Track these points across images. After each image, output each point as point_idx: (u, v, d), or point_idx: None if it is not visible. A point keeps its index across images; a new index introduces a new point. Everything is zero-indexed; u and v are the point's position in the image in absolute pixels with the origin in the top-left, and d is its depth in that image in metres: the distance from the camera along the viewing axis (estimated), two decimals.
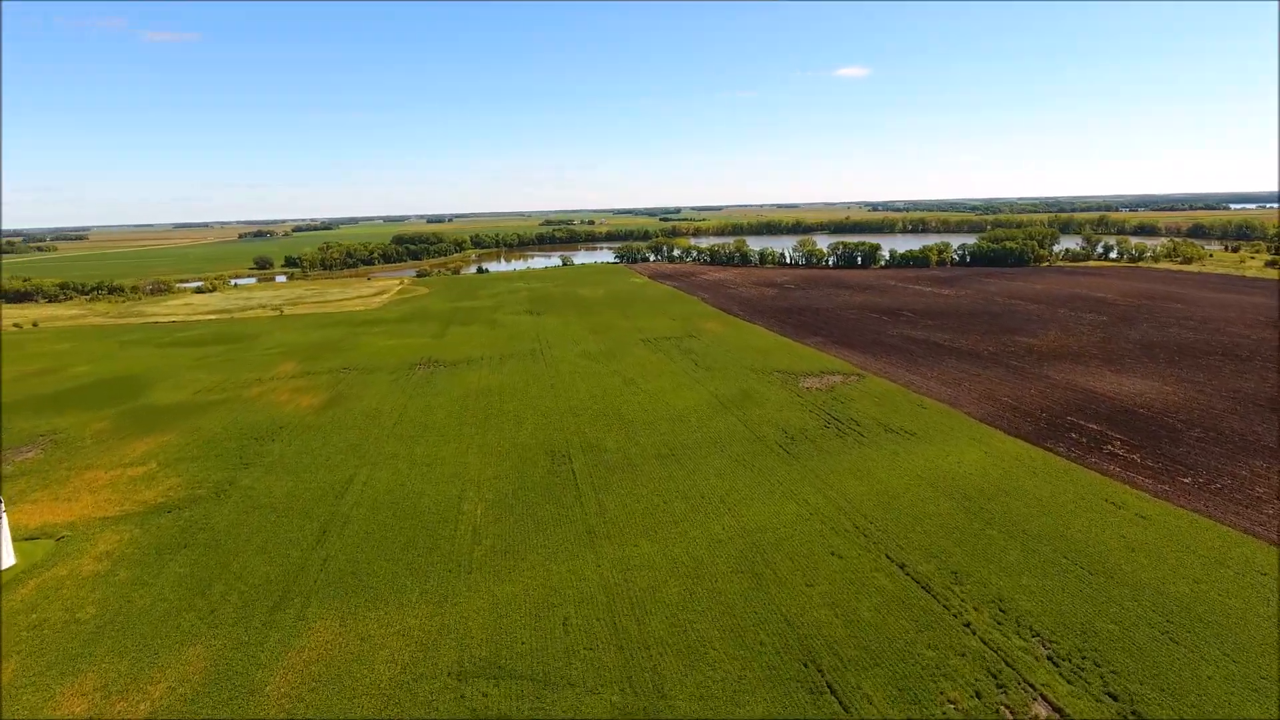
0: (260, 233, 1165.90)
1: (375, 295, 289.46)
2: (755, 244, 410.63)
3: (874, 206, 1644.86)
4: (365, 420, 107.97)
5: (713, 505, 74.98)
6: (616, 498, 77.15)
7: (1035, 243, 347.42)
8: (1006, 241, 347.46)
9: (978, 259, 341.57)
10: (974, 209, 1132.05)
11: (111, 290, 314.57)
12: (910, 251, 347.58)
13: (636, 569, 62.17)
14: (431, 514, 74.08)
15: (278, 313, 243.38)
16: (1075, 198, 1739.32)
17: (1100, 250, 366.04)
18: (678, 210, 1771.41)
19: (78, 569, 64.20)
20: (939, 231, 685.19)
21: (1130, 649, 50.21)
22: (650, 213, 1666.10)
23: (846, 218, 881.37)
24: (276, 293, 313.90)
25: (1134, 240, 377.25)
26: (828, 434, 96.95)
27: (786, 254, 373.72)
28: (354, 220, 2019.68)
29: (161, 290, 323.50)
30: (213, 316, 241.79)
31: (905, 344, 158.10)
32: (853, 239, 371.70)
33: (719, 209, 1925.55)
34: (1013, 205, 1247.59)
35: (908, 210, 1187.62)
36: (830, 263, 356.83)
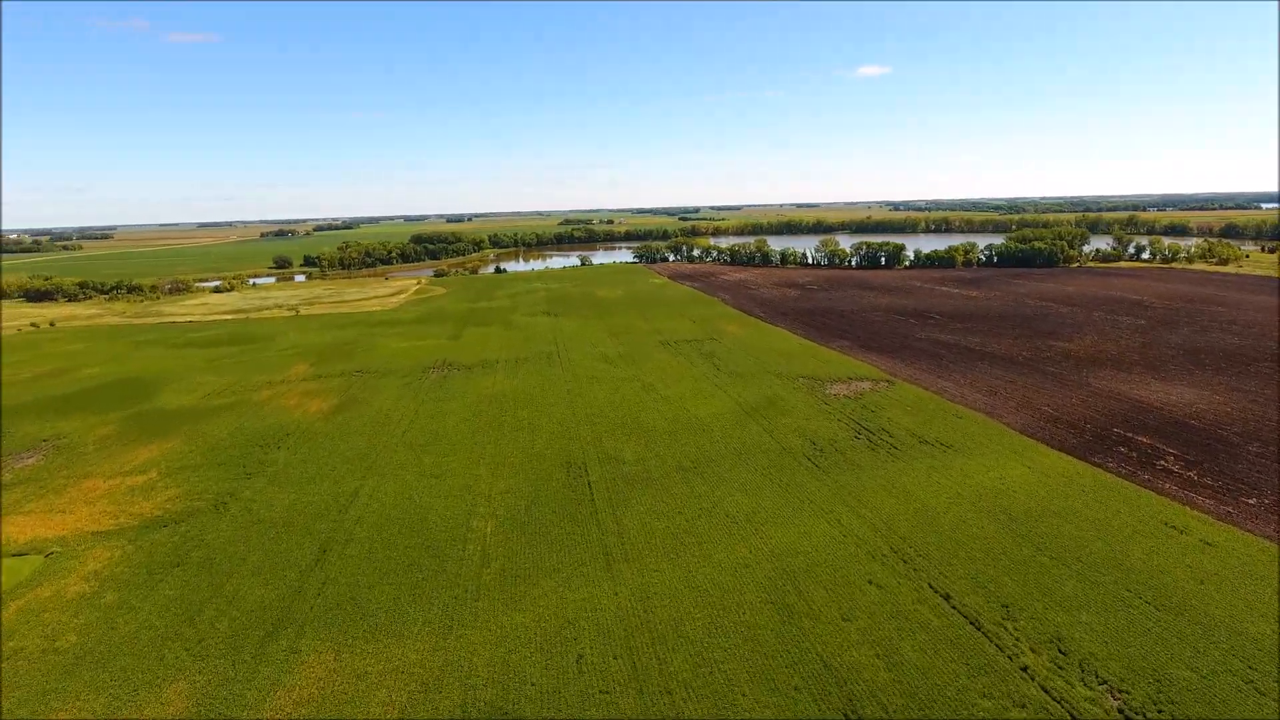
0: (281, 232, 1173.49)
1: (392, 295, 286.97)
2: (776, 244, 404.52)
3: (895, 206, 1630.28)
4: (374, 427, 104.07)
5: (738, 524, 70.04)
6: (636, 515, 72.43)
7: (1064, 243, 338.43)
8: (1035, 241, 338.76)
9: (1005, 259, 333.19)
10: (997, 208, 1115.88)
11: (130, 289, 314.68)
12: (935, 252, 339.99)
13: (657, 597, 57.40)
14: (439, 532, 69.75)
15: (294, 313, 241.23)
16: (1100, 197, 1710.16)
17: (1131, 251, 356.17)
18: (696, 210, 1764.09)
19: (63, 590, 60.48)
20: (963, 231, 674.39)
21: (1212, 701, 44.74)
22: (669, 212, 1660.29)
23: (868, 217, 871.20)
24: (294, 292, 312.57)
25: (1167, 241, 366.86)
26: (858, 446, 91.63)
27: (808, 254, 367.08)
28: (375, 220, 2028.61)
29: (180, 290, 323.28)
30: (229, 316, 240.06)
31: (935, 348, 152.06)
32: (876, 239, 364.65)
33: (738, 209, 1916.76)
34: (1036, 205, 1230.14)
35: (929, 210, 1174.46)
36: (853, 263, 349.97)
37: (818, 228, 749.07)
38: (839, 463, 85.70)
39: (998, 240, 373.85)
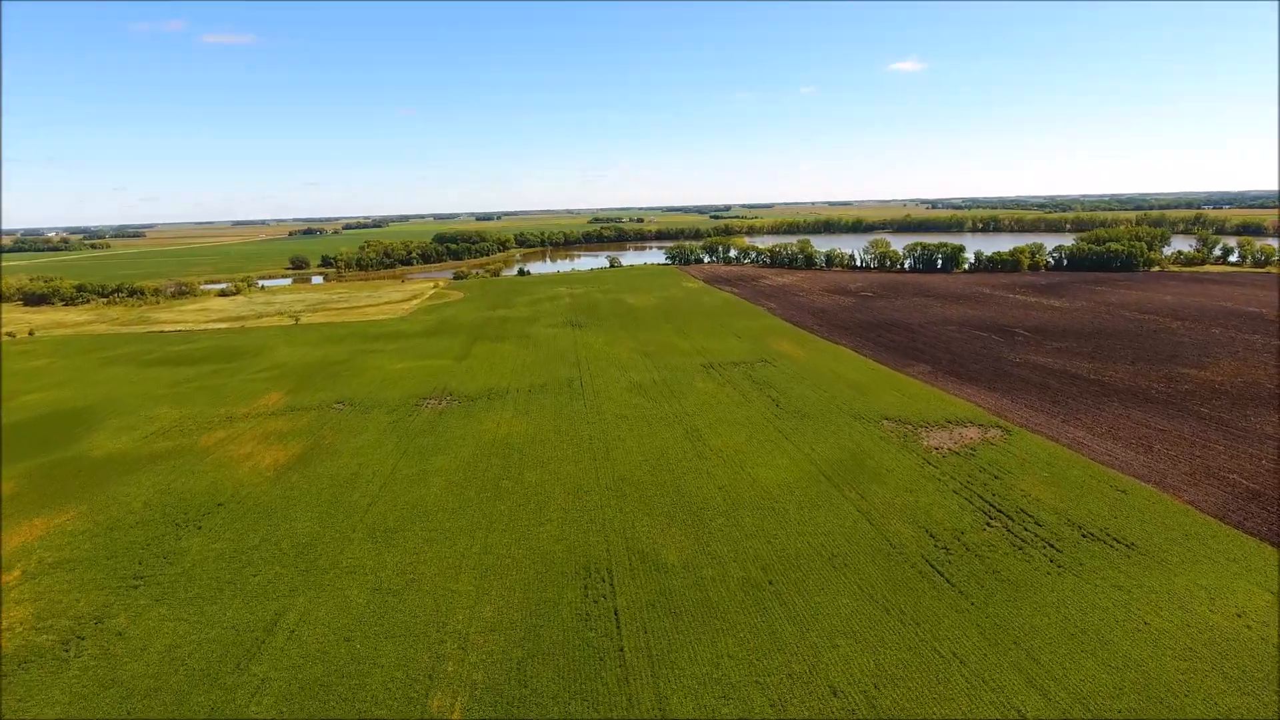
0: (310, 230, 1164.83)
1: (404, 301, 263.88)
2: (817, 244, 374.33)
3: (932, 204, 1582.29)
4: (334, 494, 79.01)
5: (857, 709, 43.61)
6: (688, 686, 46.21)
7: (1143, 244, 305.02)
8: (1110, 243, 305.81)
9: (1076, 262, 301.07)
10: (1042, 206, 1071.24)
11: (131, 293, 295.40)
12: (998, 254, 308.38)
13: None
14: (378, 714, 44.16)
15: (293, 321, 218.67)
16: (1145, 194, 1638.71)
17: (1217, 253, 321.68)
18: (728, 207, 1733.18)
19: None
20: (1013, 231, 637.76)
21: None
22: (700, 210, 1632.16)
23: (907, 215, 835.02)
24: (301, 297, 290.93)
25: (1259, 242, 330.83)
26: (997, 540, 64.59)
27: (856, 256, 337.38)
28: (405, 218, 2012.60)
29: (183, 293, 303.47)
30: (222, 325, 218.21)
31: (1040, 377, 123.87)
32: (931, 240, 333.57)
33: (769, 206, 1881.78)
34: (1081, 202, 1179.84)
35: (967, 208, 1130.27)
36: (906, 266, 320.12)
37: (857, 226, 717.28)
38: (979, 576, 58.71)
39: (1055, 240, 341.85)
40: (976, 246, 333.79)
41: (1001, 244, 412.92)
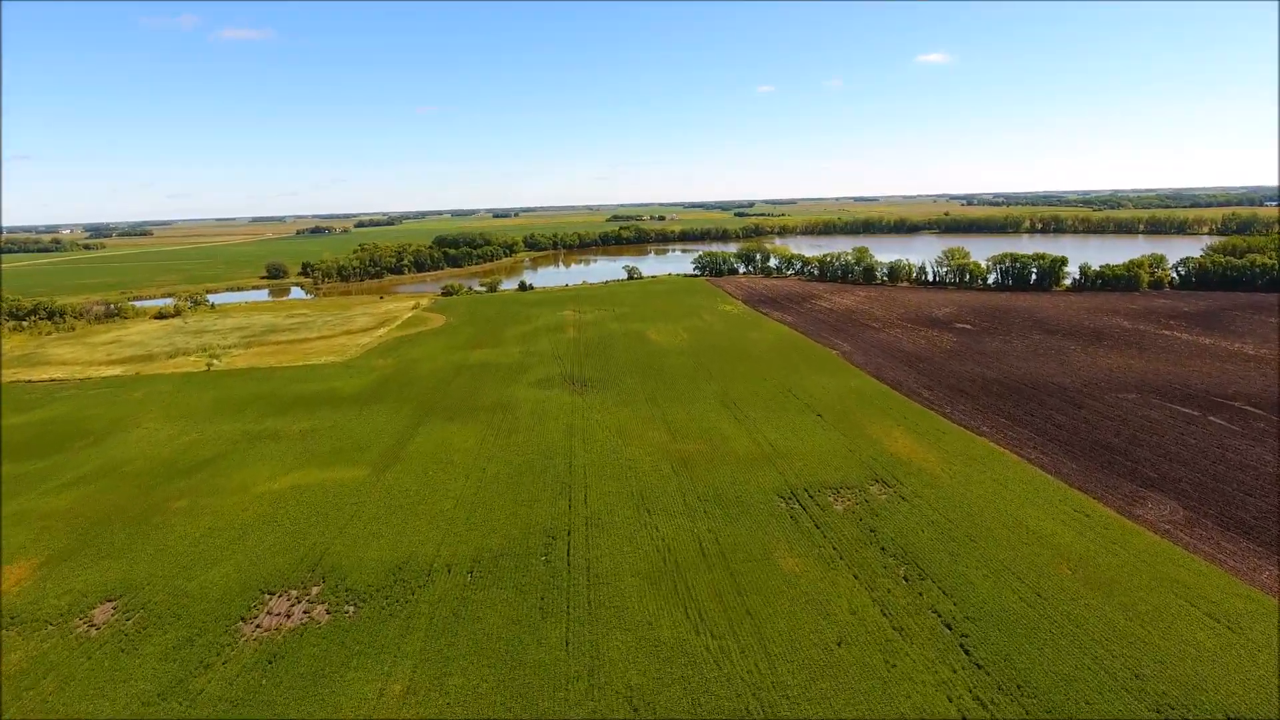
0: (318, 229, 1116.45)
1: (368, 330, 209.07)
2: (849, 245, 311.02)
3: (965, 200, 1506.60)
4: None
5: None
6: None
7: None
8: (1252, 254, 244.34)
9: (1206, 279, 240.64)
10: (1087, 202, 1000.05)
11: (50, 314, 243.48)
12: (1109, 268, 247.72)
13: None
14: None
15: (207, 366, 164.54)
16: (1194, 189, 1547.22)
17: None
18: (751, 203, 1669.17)
19: None
20: (1077, 232, 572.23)
21: None
22: (723, 206, 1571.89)
23: (945, 213, 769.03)
24: (248, 321, 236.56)
25: None
26: None
27: (927, 268, 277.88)
28: (423, 214, 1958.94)
29: (112, 315, 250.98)
30: (114, 371, 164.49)
31: None
32: (1023, 250, 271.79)
33: (793, 202, 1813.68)
34: (1132, 199, 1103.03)
35: (1000, 203, 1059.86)
36: (990, 281, 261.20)
37: (900, 227, 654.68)
38: None
39: (1129, 245, 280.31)
40: (1038, 249, 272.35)
41: (1067, 248, 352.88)
